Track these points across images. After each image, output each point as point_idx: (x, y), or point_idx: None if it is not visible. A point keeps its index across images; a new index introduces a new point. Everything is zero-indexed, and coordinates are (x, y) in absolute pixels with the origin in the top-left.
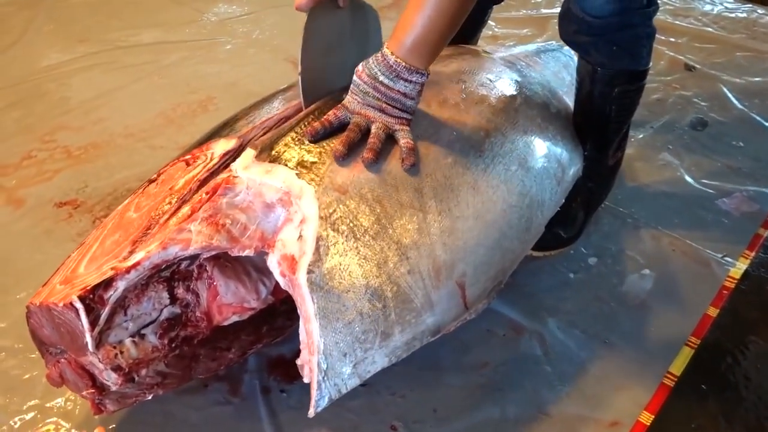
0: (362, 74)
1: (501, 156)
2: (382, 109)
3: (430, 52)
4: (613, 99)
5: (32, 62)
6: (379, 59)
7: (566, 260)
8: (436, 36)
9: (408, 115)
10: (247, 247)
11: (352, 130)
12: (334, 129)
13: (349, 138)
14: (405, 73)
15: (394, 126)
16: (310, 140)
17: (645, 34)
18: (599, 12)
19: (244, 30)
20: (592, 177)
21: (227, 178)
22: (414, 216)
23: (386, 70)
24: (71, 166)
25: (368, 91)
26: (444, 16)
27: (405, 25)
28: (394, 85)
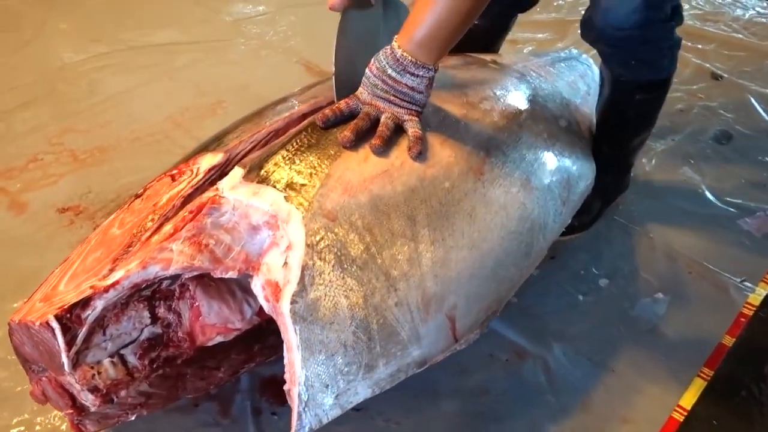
0: (372, 67)
1: (501, 177)
2: (390, 101)
3: (439, 49)
4: (632, 106)
5: (45, 62)
6: (387, 53)
7: (576, 281)
8: (446, 33)
9: (418, 108)
10: (231, 268)
11: (362, 118)
12: (344, 117)
13: (358, 126)
14: (411, 67)
15: (403, 116)
16: (321, 126)
17: (667, 45)
18: (621, 24)
19: (258, 31)
20: (608, 171)
21: (213, 198)
22: (405, 246)
23: (394, 63)
24: (76, 171)
25: (377, 84)
26: (455, 14)
27: (415, 21)
28: (401, 79)
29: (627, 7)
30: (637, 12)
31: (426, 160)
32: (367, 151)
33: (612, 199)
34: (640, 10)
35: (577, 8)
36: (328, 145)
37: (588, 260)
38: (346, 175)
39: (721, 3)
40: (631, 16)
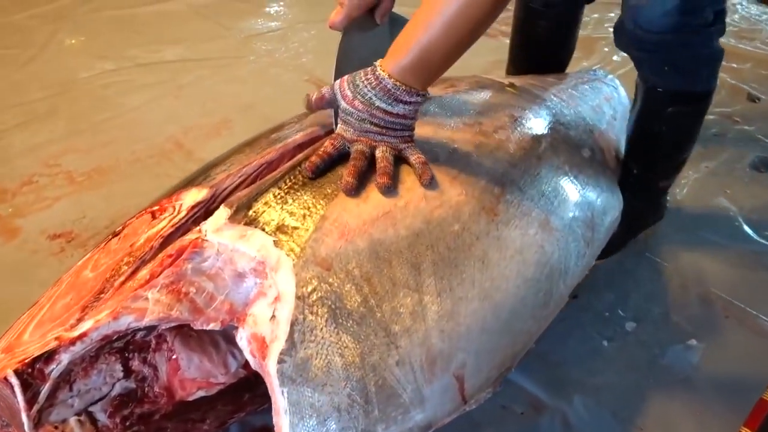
0: (354, 101)
1: (517, 217)
2: (381, 133)
3: (431, 77)
4: (664, 119)
5: (49, 79)
6: (372, 82)
7: (600, 324)
8: (440, 60)
9: (410, 132)
10: (213, 320)
11: (357, 158)
12: (334, 161)
13: (357, 167)
14: (405, 96)
15: (399, 145)
16: (310, 177)
17: (706, 54)
18: (653, 27)
19: (268, 48)
20: (637, 196)
21: (195, 241)
22: (408, 297)
23: (383, 94)
24: (71, 194)
25: (364, 119)
26: (452, 41)
27: (406, 44)
28: (392, 110)
29: (659, 9)
30: (669, 15)
31: (433, 200)
32: (366, 190)
33: (641, 228)
34: (673, 14)
35: (603, 25)
36: (324, 183)
37: (613, 301)
38: (344, 218)
39: (757, 19)
40: (663, 19)
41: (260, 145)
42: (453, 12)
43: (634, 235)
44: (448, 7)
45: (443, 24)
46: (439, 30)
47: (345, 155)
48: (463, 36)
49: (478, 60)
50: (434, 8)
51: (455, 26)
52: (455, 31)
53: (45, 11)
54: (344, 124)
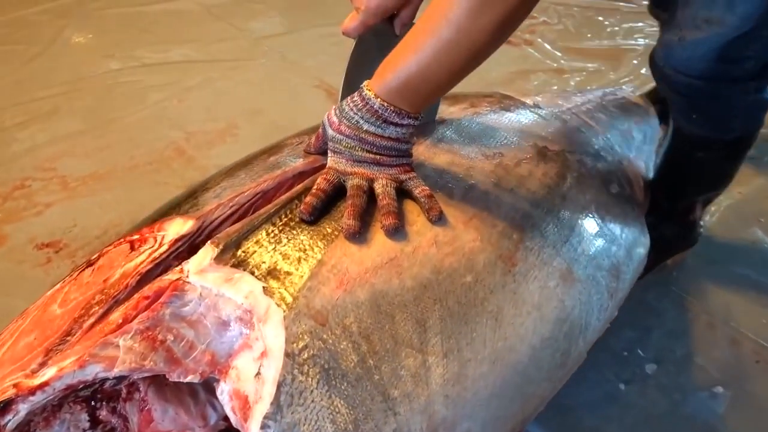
0: (340, 126)
1: (537, 268)
2: (377, 162)
3: (421, 102)
4: (694, 162)
5: (53, 77)
6: (358, 104)
7: (617, 365)
8: (431, 88)
9: (408, 159)
10: (191, 371)
11: (355, 195)
12: (330, 197)
13: (356, 206)
14: (395, 117)
15: (399, 177)
16: (307, 220)
17: (742, 105)
18: (685, 69)
19: (279, 50)
20: (666, 225)
21: (176, 283)
22: (411, 358)
23: (370, 116)
24: (63, 201)
25: (354, 145)
26: (444, 69)
27: (395, 65)
28: (383, 132)
29: (693, 51)
30: (705, 61)
31: (444, 246)
32: (371, 231)
33: (669, 255)
34: (709, 60)
35: (632, 35)
36: (323, 222)
37: (633, 339)
38: (344, 264)
39: None
40: (698, 64)
41: (256, 170)
42: (447, 37)
43: (660, 262)
44: (442, 31)
45: (436, 50)
46: (431, 55)
47: (341, 190)
48: (457, 65)
49: (499, 70)
50: (428, 29)
51: (449, 53)
52: (448, 58)
53: (54, 7)
54: (334, 154)
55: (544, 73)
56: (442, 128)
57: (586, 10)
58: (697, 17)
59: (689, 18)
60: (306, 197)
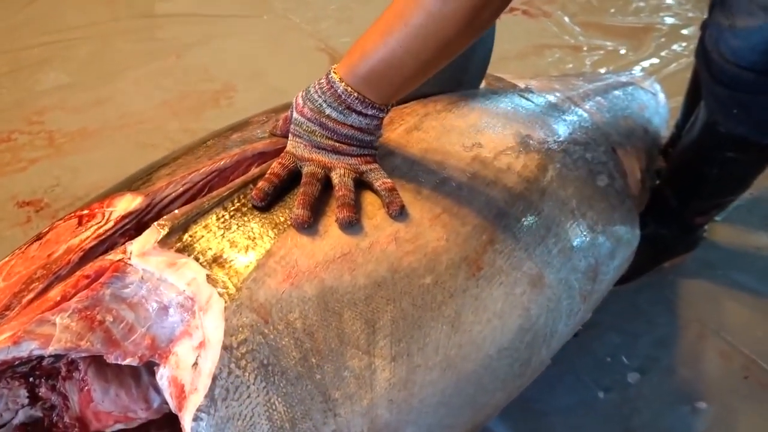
0: (303, 109)
1: (504, 273)
2: (336, 150)
3: (388, 93)
4: (719, 162)
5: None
6: (324, 87)
7: (598, 371)
8: (399, 77)
9: (371, 151)
10: (130, 354)
11: (308, 183)
12: (284, 182)
13: (307, 195)
14: (358, 105)
15: (359, 167)
16: (258, 205)
17: None
18: (733, 57)
19: (285, 8)
20: (669, 226)
21: (117, 263)
22: (356, 359)
23: (333, 101)
24: (49, 157)
25: (314, 130)
26: (412, 57)
27: (362, 50)
28: (345, 120)
29: (745, 39)
30: (755, 52)
31: (405, 244)
32: (325, 223)
33: (667, 258)
34: (761, 52)
35: (658, 13)
36: (277, 209)
37: (619, 345)
38: (293, 256)
39: None
40: (749, 54)
41: (216, 148)
42: (416, 23)
43: (658, 264)
44: (412, 15)
45: (406, 36)
46: (399, 40)
47: (297, 176)
48: (425, 53)
49: (513, 43)
50: (398, 12)
51: (416, 39)
52: (416, 45)
53: None
54: (294, 137)
55: (559, 50)
56: (421, 113)
57: None
58: (754, 2)
59: (744, 2)
60: (259, 182)
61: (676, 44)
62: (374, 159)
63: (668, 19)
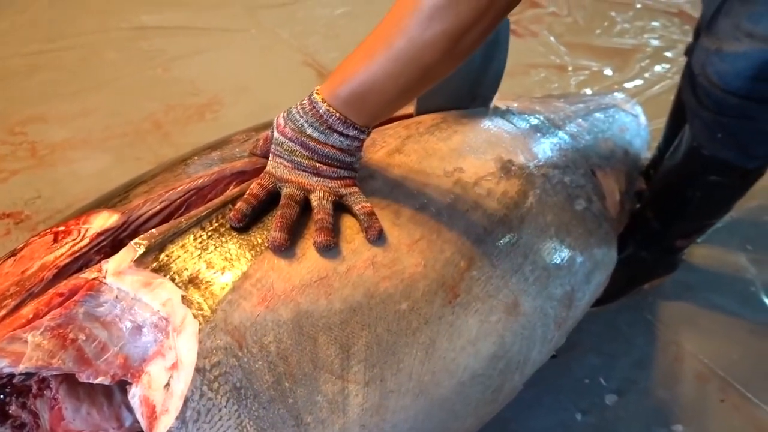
0: (285, 129)
1: (480, 300)
2: (316, 171)
3: (369, 115)
4: (701, 185)
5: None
6: (306, 107)
7: (576, 392)
8: (379, 100)
9: (351, 173)
10: (102, 373)
11: (286, 205)
12: (263, 203)
13: (285, 218)
14: (339, 126)
15: (339, 190)
16: (236, 226)
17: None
18: (719, 81)
19: (273, 22)
20: (649, 248)
21: (92, 282)
22: (329, 383)
23: (315, 120)
24: (31, 168)
25: (295, 150)
26: (392, 81)
27: (345, 72)
28: (326, 140)
29: (731, 64)
30: (740, 78)
31: (382, 269)
32: (303, 246)
33: (646, 280)
34: (746, 77)
35: (643, 35)
36: (255, 231)
37: (597, 366)
38: (269, 278)
39: None
40: (734, 79)
41: (195, 166)
42: (398, 46)
43: (637, 286)
44: (393, 40)
45: (387, 60)
46: (380, 64)
47: (276, 197)
48: (406, 77)
49: None
50: (381, 36)
51: (397, 63)
52: (396, 69)
53: None
54: (274, 157)
55: (545, 69)
56: (403, 135)
57: (599, 3)
58: (739, 29)
59: (730, 28)
60: (237, 203)
61: (661, 66)
62: (354, 182)
63: (653, 41)
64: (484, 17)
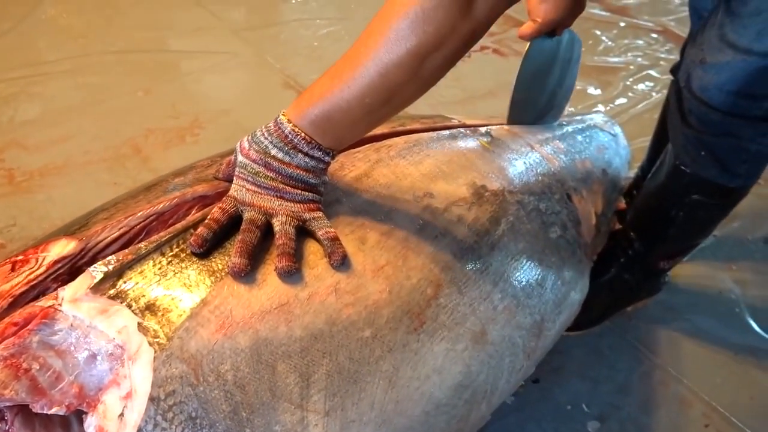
0: (249, 151)
1: (447, 328)
2: (279, 192)
3: (337, 136)
4: (683, 205)
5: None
6: (271, 129)
7: (558, 419)
8: (344, 120)
9: (315, 196)
10: (57, 403)
11: (247, 230)
12: (224, 228)
13: (245, 243)
14: (304, 146)
15: (302, 215)
16: (196, 252)
17: (752, 150)
18: (703, 95)
19: (256, 44)
20: (630, 269)
21: (47, 310)
22: (288, 413)
23: (279, 141)
24: (7, 196)
25: (258, 171)
26: (357, 101)
27: (311, 93)
28: (291, 160)
29: (714, 76)
30: (723, 92)
31: (345, 296)
32: (264, 272)
33: (629, 303)
34: (728, 92)
35: (627, 53)
36: (216, 256)
37: (580, 392)
38: (228, 305)
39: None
40: (717, 94)
41: (156, 191)
42: (368, 67)
43: (620, 309)
44: (363, 60)
45: (354, 79)
46: (349, 85)
47: (237, 222)
48: (373, 99)
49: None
50: (350, 58)
51: (367, 84)
52: (364, 91)
53: None
54: (238, 180)
55: None
56: (373, 159)
57: (583, 22)
58: (724, 40)
59: (715, 39)
60: (198, 227)
61: (645, 84)
62: (318, 206)
63: (638, 59)
64: (448, 41)
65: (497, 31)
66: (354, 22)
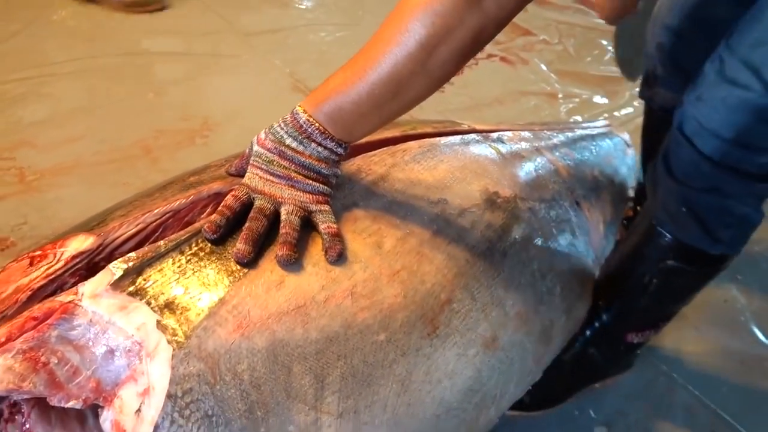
0: (265, 141)
1: (459, 333)
2: (291, 181)
3: (347, 127)
4: (658, 271)
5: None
6: (287, 120)
7: (565, 425)
8: (355, 113)
9: (326, 189)
10: (74, 396)
11: (254, 218)
12: (237, 215)
13: (252, 230)
14: (318, 136)
15: (309, 206)
16: (210, 238)
17: (739, 214)
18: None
19: (266, 48)
20: (596, 344)
21: (67, 305)
22: (302, 414)
23: (295, 130)
24: (18, 194)
25: (272, 159)
26: (368, 92)
27: (328, 87)
28: (304, 150)
29: (712, 117)
30: (719, 139)
31: (361, 299)
32: (281, 273)
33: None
34: (723, 139)
35: None
36: None
37: (588, 398)
38: (246, 305)
39: None
40: (711, 139)
41: (171, 190)
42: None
43: (584, 387)
44: (375, 53)
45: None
46: (360, 76)
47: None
48: (384, 91)
49: (490, 89)
50: (364, 52)
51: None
52: (376, 80)
53: None
54: (252, 169)
55: (535, 96)
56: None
57: (589, 32)
58: (722, 75)
59: (712, 73)
60: (213, 216)
61: None
62: (327, 199)
63: None
64: (456, 32)
65: (504, 39)
66: (361, 28)
